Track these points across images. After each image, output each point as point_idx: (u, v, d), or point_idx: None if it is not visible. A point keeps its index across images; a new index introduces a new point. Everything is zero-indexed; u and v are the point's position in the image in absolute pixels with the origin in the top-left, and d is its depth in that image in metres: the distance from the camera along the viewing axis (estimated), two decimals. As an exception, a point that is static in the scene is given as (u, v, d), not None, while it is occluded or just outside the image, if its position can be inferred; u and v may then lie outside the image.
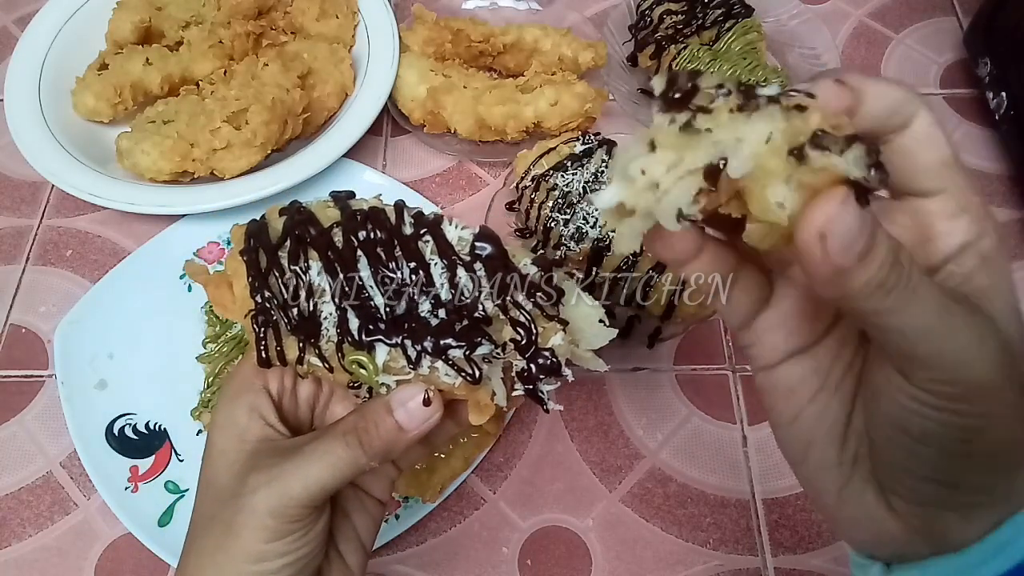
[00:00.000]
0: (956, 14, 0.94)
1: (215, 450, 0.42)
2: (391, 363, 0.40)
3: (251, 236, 0.43)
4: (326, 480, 0.39)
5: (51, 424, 0.67)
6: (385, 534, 0.60)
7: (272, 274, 0.41)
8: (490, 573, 0.61)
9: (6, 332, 0.72)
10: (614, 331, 0.46)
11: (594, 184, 0.71)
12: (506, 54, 0.84)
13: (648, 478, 0.65)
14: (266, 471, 0.39)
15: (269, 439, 0.41)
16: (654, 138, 0.26)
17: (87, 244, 0.77)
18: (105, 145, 0.78)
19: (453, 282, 0.41)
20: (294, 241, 0.42)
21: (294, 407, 0.44)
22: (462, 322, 0.40)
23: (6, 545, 0.62)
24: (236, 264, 0.43)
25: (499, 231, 0.74)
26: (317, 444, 0.40)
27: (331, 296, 0.41)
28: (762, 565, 0.61)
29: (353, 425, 0.40)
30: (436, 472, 0.60)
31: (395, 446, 0.40)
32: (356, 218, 0.43)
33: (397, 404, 0.40)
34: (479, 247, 0.42)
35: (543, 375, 0.41)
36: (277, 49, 0.81)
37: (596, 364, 0.46)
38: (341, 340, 0.40)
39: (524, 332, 0.40)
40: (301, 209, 0.44)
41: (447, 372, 0.39)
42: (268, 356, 0.41)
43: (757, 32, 0.81)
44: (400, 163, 0.83)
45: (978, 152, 0.83)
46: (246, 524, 0.38)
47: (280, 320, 0.41)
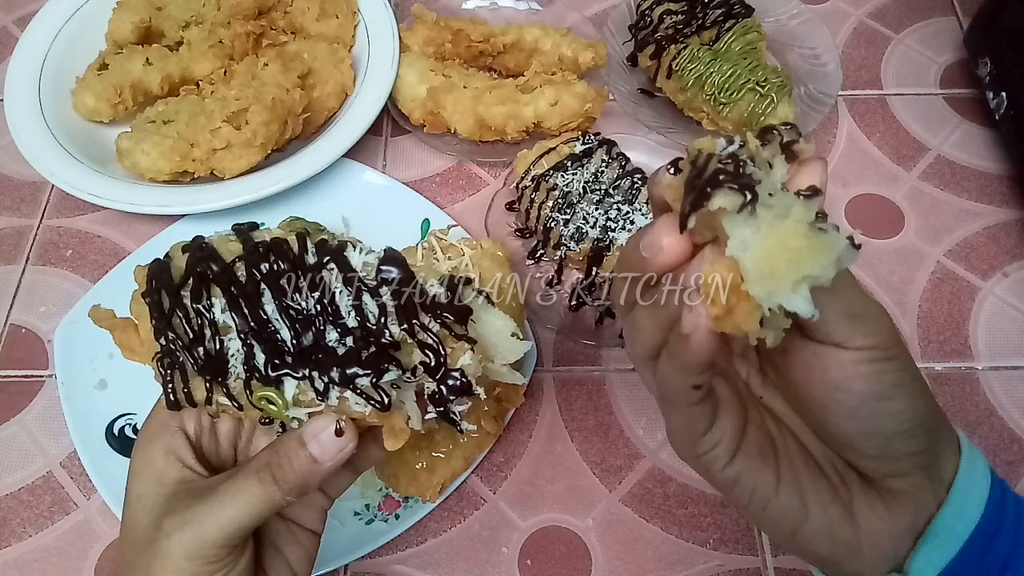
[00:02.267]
0: (956, 14, 0.94)
1: (132, 496, 0.41)
2: (300, 396, 0.40)
3: (153, 277, 0.42)
4: (241, 519, 0.39)
5: (51, 424, 0.67)
6: (385, 534, 0.60)
7: (176, 314, 0.41)
8: (490, 573, 0.61)
9: (6, 332, 0.72)
10: (528, 343, 0.46)
11: (594, 184, 0.71)
12: (506, 54, 0.84)
13: (648, 478, 0.65)
14: (180, 513, 0.39)
15: (186, 480, 0.41)
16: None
17: (87, 244, 0.77)
18: (105, 145, 0.78)
19: (359, 309, 0.40)
20: (196, 279, 0.41)
21: (214, 445, 0.44)
22: (369, 349, 0.39)
23: (6, 545, 0.62)
24: (139, 307, 0.42)
25: (499, 231, 0.75)
26: (231, 483, 0.40)
27: (236, 333, 0.40)
28: (762, 565, 0.61)
29: (266, 461, 0.40)
30: (436, 472, 0.60)
31: (311, 479, 0.40)
32: (258, 250, 0.42)
33: (309, 437, 0.40)
34: (384, 271, 0.41)
35: (454, 396, 0.41)
36: (277, 49, 0.81)
37: (514, 378, 0.46)
38: (249, 377, 0.40)
39: (432, 354, 0.40)
40: (203, 245, 0.43)
41: (356, 401, 0.39)
42: (176, 399, 0.41)
43: (757, 32, 0.81)
44: (400, 163, 0.83)
45: (978, 152, 0.83)
46: (163, 569, 0.38)
47: (186, 361, 0.40)
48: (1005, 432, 0.66)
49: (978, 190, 0.80)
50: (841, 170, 0.82)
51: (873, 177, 0.81)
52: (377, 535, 0.60)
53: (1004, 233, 0.77)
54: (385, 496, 0.62)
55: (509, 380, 0.46)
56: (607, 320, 0.71)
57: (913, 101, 0.87)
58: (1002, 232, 0.77)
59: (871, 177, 0.81)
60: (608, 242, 0.68)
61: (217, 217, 0.75)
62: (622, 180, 0.72)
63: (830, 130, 0.85)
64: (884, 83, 0.88)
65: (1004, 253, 0.76)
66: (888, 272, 0.75)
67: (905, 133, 0.84)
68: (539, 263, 0.74)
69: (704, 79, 0.77)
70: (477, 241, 0.67)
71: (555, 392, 0.69)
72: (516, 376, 0.46)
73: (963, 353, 0.70)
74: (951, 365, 0.70)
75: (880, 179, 0.81)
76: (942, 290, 0.74)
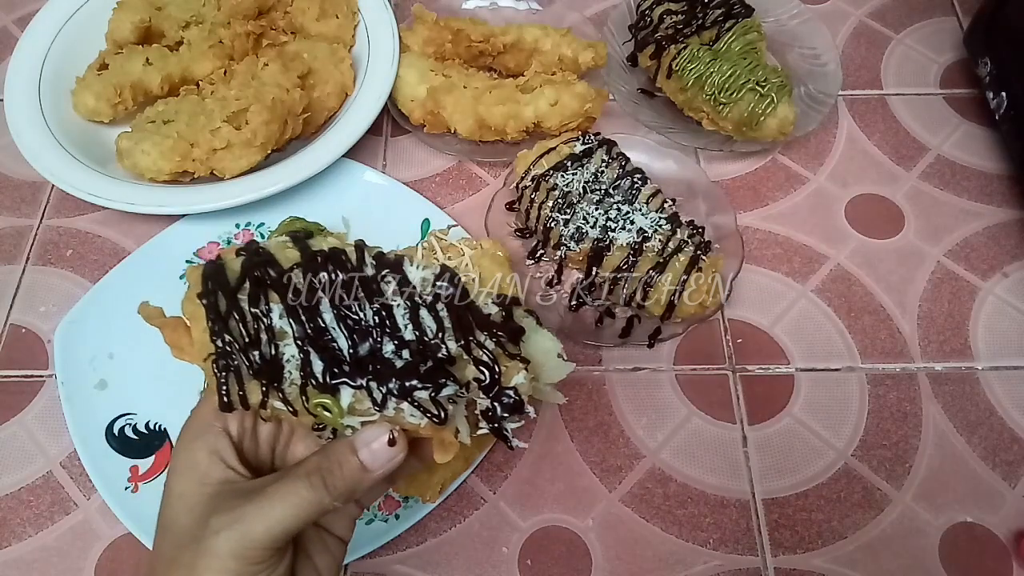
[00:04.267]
0: (956, 14, 0.94)
1: (174, 494, 0.41)
2: (356, 405, 0.40)
3: (208, 278, 0.42)
4: (289, 521, 0.39)
5: (51, 424, 0.67)
6: (385, 534, 0.61)
7: (232, 317, 0.41)
8: (490, 573, 0.61)
9: (6, 332, 0.72)
10: (572, 365, 0.47)
11: (594, 184, 0.71)
12: (506, 54, 0.84)
13: (648, 478, 0.65)
14: (228, 513, 0.39)
15: (230, 481, 0.41)
16: None
17: (87, 244, 0.77)
18: (105, 145, 0.78)
19: (416, 323, 0.41)
20: (253, 283, 0.42)
21: (254, 448, 0.44)
22: (426, 363, 0.40)
23: (6, 545, 0.62)
24: (193, 307, 0.42)
25: (499, 231, 0.75)
26: (280, 485, 0.40)
27: (293, 339, 0.41)
28: (762, 565, 0.61)
29: (317, 466, 0.40)
30: (436, 472, 0.60)
31: (359, 486, 0.40)
32: (316, 259, 0.43)
33: (361, 444, 0.40)
34: (440, 287, 0.42)
35: (507, 414, 0.41)
36: (277, 49, 0.81)
37: (555, 397, 0.47)
38: (305, 383, 0.40)
39: (487, 372, 0.41)
40: (260, 250, 0.43)
41: (412, 413, 0.40)
42: (230, 400, 0.41)
43: (757, 32, 0.81)
44: (400, 163, 0.83)
45: (978, 152, 0.83)
46: (208, 567, 0.38)
47: (241, 364, 0.41)
48: (1005, 432, 0.66)
49: (978, 190, 0.80)
50: (841, 170, 0.82)
51: (873, 177, 0.81)
52: (377, 535, 0.60)
53: (1004, 233, 0.77)
54: (385, 496, 0.62)
55: (551, 399, 0.47)
56: (607, 320, 0.71)
57: (913, 101, 0.87)
58: (1002, 232, 0.77)
59: (871, 177, 0.81)
60: (608, 242, 0.68)
61: (217, 217, 0.75)
62: (622, 180, 0.72)
63: (830, 130, 0.85)
64: (884, 83, 0.88)
65: (1004, 253, 0.76)
66: (888, 272, 0.75)
67: (905, 133, 0.84)
68: (539, 263, 0.74)
69: (704, 79, 0.77)
70: (477, 241, 0.67)
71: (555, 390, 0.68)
72: (557, 396, 0.47)
73: (963, 353, 0.70)
74: (951, 365, 0.70)
75: (880, 179, 0.81)
76: (942, 290, 0.74)
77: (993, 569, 0.61)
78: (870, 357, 0.70)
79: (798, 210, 0.79)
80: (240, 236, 0.76)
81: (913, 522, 0.63)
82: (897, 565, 0.61)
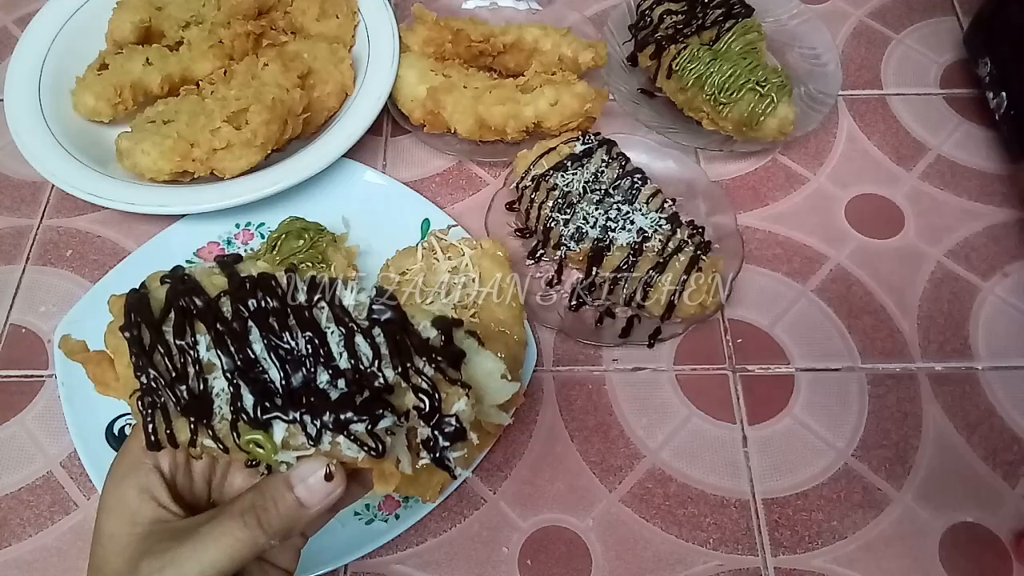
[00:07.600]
0: (956, 14, 0.94)
1: (104, 534, 0.40)
2: (290, 439, 0.38)
3: (131, 310, 0.40)
4: (223, 563, 0.38)
5: (51, 424, 0.67)
6: (385, 534, 0.60)
7: (157, 351, 0.39)
8: (490, 573, 0.61)
9: (6, 332, 0.72)
10: (516, 384, 0.44)
11: (594, 184, 0.71)
12: (506, 54, 0.84)
13: (648, 478, 0.65)
14: (159, 556, 0.38)
15: (162, 520, 0.40)
16: None
17: (87, 244, 0.77)
18: (105, 145, 0.78)
19: (351, 350, 0.39)
20: (179, 314, 0.39)
21: (188, 483, 0.43)
22: (362, 393, 0.38)
23: (6, 545, 0.62)
24: (116, 341, 0.40)
25: (499, 231, 0.75)
26: (213, 525, 0.38)
27: (222, 371, 0.39)
28: (762, 565, 0.61)
29: (251, 503, 0.39)
30: (436, 472, 0.59)
31: (296, 523, 0.39)
32: (245, 286, 0.40)
33: (297, 480, 0.39)
34: (377, 311, 0.40)
35: (448, 443, 0.40)
36: (277, 49, 0.81)
37: (501, 418, 0.45)
38: (236, 418, 0.38)
39: (427, 399, 0.39)
40: (185, 277, 0.41)
41: (349, 447, 0.38)
42: (158, 439, 0.39)
43: (757, 32, 0.81)
44: (400, 163, 0.83)
45: (978, 152, 0.83)
46: None
47: (168, 400, 0.39)
48: (1005, 432, 0.66)
49: (978, 190, 0.80)
50: (841, 170, 0.82)
51: (873, 177, 0.81)
52: (377, 535, 0.60)
53: (1004, 233, 0.77)
54: (385, 496, 0.62)
55: (496, 420, 0.44)
56: (607, 320, 0.71)
57: (913, 101, 0.87)
58: (1002, 232, 0.77)
59: (871, 177, 0.81)
60: (608, 242, 0.68)
61: (217, 217, 0.75)
62: (622, 180, 0.72)
63: (830, 130, 0.85)
64: (884, 83, 0.88)
65: (1004, 253, 0.76)
66: (888, 272, 0.75)
67: (905, 133, 0.84)
68: (539, 263, 0.74)
69: (704, 79, 0.77)
70: (477, 241, 0.67)
71: (555, 392, 0.69)
72: (503, 416, 0.45)
73: (963, 353, 0.70)
74: (951, 365, 0.70)
75: (880, 179, 0.81)
76: (942, 290, 0.74)
77: (993, 569, 0.61)
78: (870, 357, 0.70)
79: (798, 210, 0.79)
80: (240, 236, 0.76)
81: (913, 522, 0.63)
82: (897, 565, 0.61)
